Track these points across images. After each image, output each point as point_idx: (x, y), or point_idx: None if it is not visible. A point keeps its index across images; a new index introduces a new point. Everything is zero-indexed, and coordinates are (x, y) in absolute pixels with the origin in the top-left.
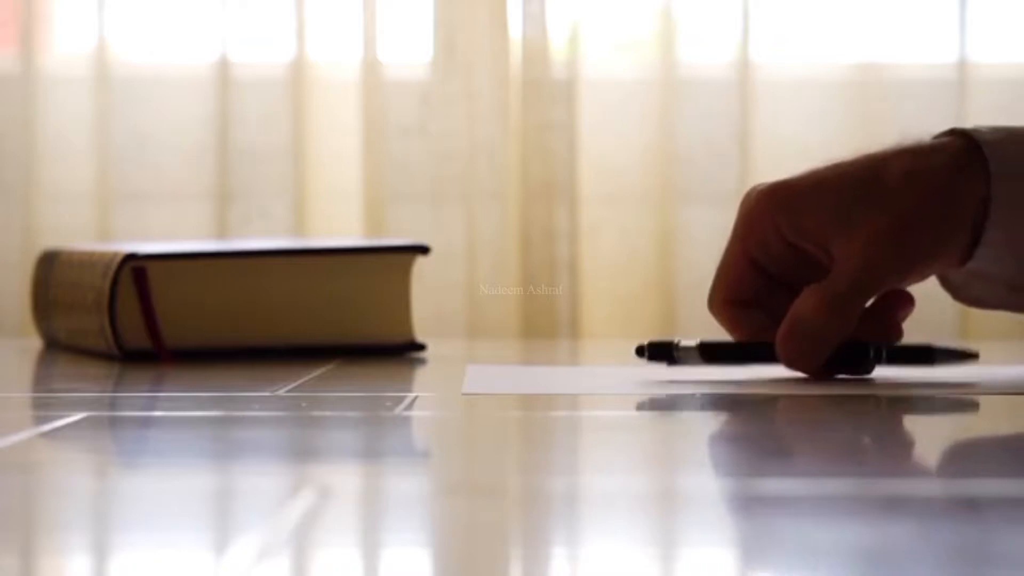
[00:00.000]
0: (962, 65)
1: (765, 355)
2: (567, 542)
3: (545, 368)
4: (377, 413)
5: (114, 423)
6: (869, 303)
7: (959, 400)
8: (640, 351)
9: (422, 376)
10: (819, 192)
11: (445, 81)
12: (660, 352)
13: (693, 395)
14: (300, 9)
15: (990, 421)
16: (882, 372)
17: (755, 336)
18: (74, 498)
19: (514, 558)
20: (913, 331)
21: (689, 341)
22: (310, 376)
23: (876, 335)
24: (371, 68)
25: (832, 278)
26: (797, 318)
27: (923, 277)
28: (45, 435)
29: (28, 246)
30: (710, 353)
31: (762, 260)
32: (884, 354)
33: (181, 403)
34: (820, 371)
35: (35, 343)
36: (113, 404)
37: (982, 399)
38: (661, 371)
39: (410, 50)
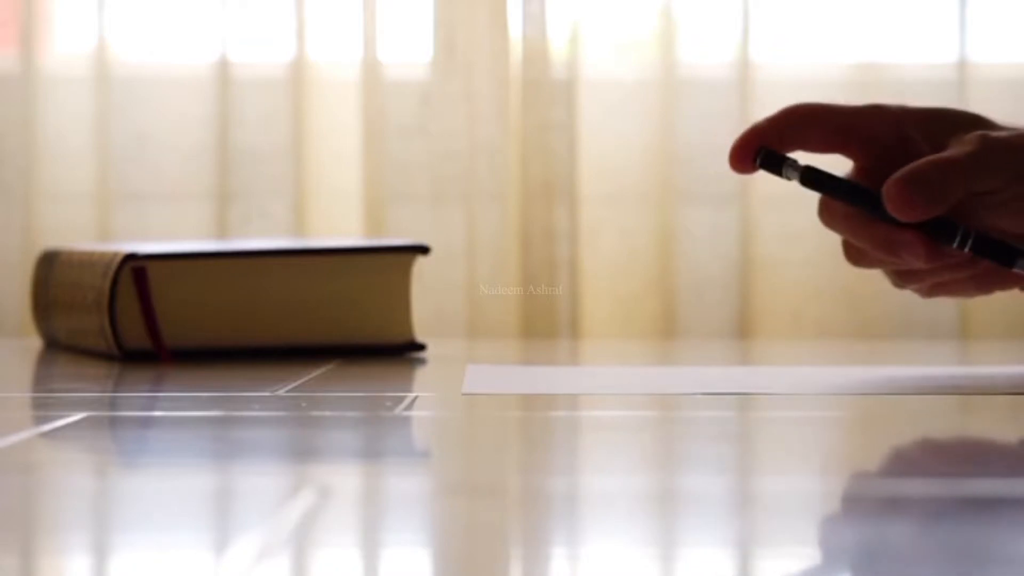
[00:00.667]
0: (962, 65)
1: (862, 197)
2: (567, 542)
3: (545, 368)
4: (377, 413)
5: (114, 423)
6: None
7: (958, 400)
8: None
9: (422, 376)
10: (951, 111)
11: (445, 81)
12: (772, 161)
13: (693, 395)
14: (300, 9)
15: (990, 421)
16: (880, 371)
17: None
18: (74, 498)
19: (514, 558)
20: (912, 331)
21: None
22: (310, 376)
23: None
24: (371, 68)
25: (955, 148)
26: (920, 164)
27: None
28: (45, 435)
29: (28, 246)
30: (812, 178)
31: (856, 133)
32: (971, 240)
33: (181, 403)
34: (917, 235)
35: (35, 343)
36: (113, 404)
37: (982, 399)
38: (659, 372)
39: (410, 50)
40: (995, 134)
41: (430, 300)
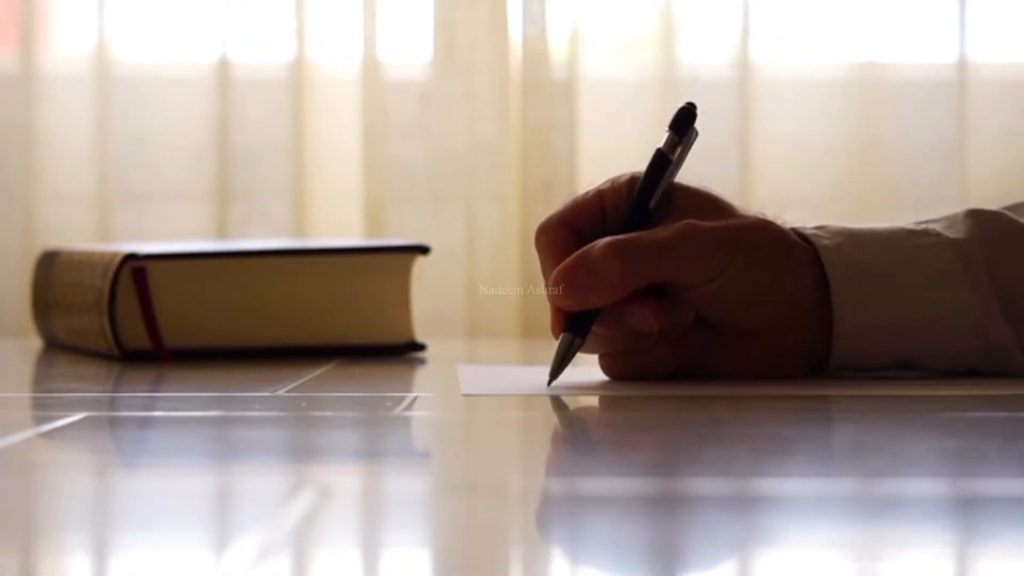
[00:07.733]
0: (962, 65)
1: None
2: (567, 542)
3: (544, 368)
4: (377, 413)
5: (114, 423)
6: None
7: (957, 399)
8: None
9: (422, 376)
10: (701, 190)
11: (445, 81)
12: (687, 120)
13: (691, 395)
14: (300, 9)
15: (989, 421)
16: (877, 373)
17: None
18: (74, 498)
19: (514, 558)
20: None
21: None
22: (310, 376)
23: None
24: (371, 68)
25: (637, 234)
26: (584, 251)
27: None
28: (45, 435)
29: (28, 246)
30: (658, 160)
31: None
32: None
33: (181, 403)
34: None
35: (35, 343)
36: (113, 404)
37: (980, 400)
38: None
39: (410, 50)
40: (701, 224)
41: (430, 300)
